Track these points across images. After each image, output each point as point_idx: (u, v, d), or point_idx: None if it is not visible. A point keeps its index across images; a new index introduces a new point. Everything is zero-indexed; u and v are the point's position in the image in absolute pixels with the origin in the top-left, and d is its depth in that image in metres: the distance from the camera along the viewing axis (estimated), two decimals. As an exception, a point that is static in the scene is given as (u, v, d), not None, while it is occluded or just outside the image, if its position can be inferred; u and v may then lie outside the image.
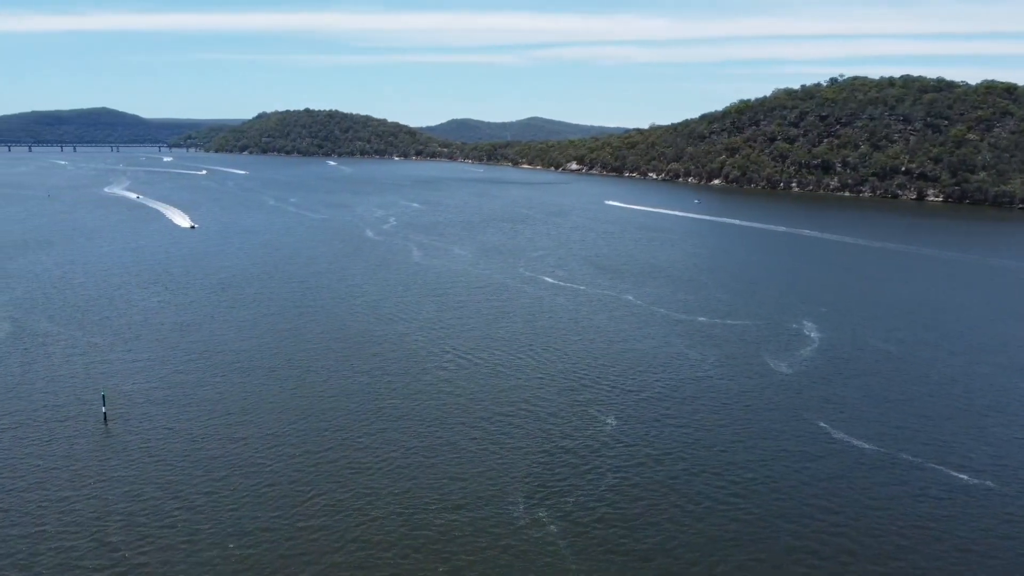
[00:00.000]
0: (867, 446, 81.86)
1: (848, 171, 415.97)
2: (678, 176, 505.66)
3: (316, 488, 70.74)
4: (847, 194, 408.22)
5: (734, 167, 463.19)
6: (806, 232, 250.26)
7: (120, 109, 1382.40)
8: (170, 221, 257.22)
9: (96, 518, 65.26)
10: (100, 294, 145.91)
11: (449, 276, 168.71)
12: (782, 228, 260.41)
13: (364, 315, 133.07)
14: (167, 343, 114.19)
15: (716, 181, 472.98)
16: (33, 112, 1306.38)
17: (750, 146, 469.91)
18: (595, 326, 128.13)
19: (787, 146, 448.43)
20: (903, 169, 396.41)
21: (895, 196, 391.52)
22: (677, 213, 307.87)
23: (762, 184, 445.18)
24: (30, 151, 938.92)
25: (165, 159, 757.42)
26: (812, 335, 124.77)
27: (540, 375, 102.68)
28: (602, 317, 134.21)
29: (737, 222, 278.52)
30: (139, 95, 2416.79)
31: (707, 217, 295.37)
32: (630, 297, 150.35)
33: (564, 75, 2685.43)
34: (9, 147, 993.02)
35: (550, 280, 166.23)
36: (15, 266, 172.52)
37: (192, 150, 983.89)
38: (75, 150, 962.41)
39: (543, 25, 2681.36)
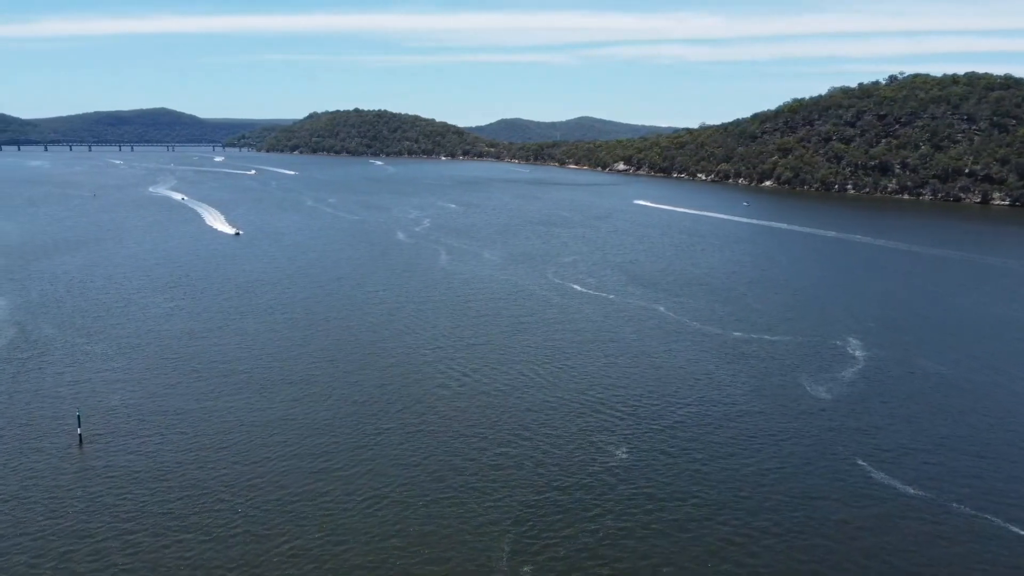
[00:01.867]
0: (911, 491, 71.95)
1: (907, 173, 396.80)
2: (728, 177, 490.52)
3: (283, 529, 64.10)
4: (906, 197, 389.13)
5: (786, 168, 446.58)
6: (858, 238, 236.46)
7: (178, 109, 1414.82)
8: (204, 222, 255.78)
9: (65, 552, 59.95)
10: (114, 299, 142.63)
11: (473, 283, 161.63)
12: (832, 233, 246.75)
13: (376, 327, 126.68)
14: (165, 354, 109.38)
15: (767, 183, 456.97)
16: (96, 113, 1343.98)
17: (804, 146, 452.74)
18: (620, 341, 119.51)
19: (843, 146, 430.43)
20: (967, 171, 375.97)
21: (958, 200, 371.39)
22: (723, 216, 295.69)
23: (816, 186, 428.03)
24: (90, 150, 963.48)
25: (216, 159, 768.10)
26: (856, 354, 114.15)
27: (550, 397, 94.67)
28: (629, 331, 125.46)
29: (785, 226, 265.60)
30: (197, 96, 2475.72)
31: (755, 221, 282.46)
32: (661, 308, 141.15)
33: (616, 74, 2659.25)
34: (71, 146, 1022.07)
35: (579, 288, 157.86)
36: (40, 268, 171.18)
37: (245, 149, 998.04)
38: (132, 149, 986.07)
39: (598, 24, 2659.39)
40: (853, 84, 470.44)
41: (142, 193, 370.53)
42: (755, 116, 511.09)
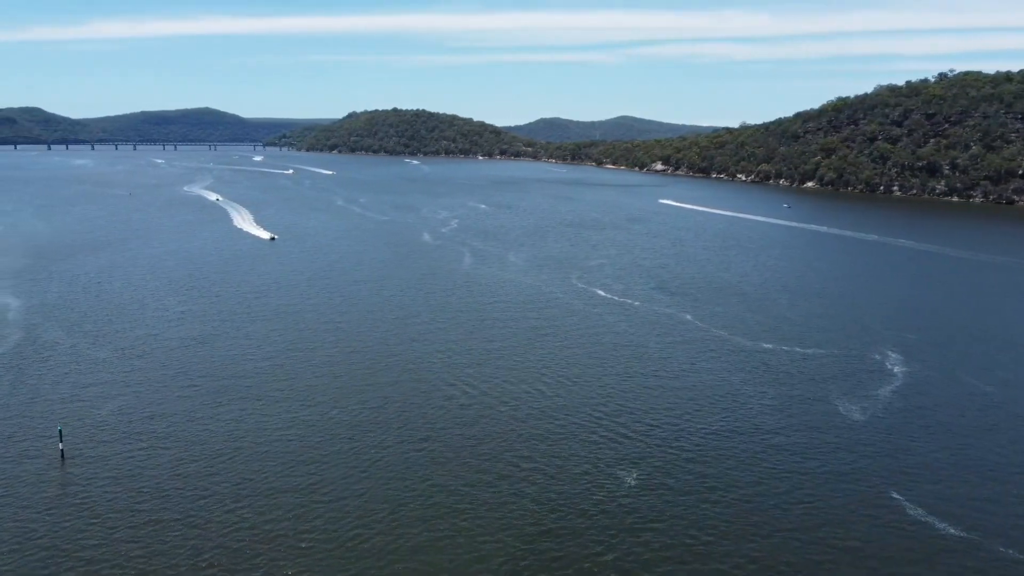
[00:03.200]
0: (952, 530, 64.79)
1: (957, 174, 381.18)
2: (768, 178, 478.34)
3: (260, 563, 59.48)
4: (955, 199, 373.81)
5: (829, 169, 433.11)
6: (902, 242, 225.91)
7: (222, 109, 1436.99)
8: (232, 223, 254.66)
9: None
10: (129, 301, 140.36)
11: (494, 288, 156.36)
12: (873, 237, 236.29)
13: (387, 335, 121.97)
14: (166, 361, 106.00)
15: (809, 184, 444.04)
16: (142, 112, 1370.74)
17: (848, 146, 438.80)
18: (641, 352, 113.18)
19: (889, 147, 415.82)
20: (1020, 172, 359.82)
21: (1011, 202, 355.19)
22: (761, 219, 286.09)
23: (860, 187, 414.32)
24: (135, 149, 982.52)
25: (255, 158, 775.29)
26: (896, 370, 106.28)
27: (560, 416, 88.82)
28: (652, 341, 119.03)
29: (825, 229, 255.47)
30: (240, 96, 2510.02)
31: (795, 224, 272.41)
32: (689, 317, 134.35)
33: (658, 73, 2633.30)
34: (116, 146, 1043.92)
35: (603, 294, 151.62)
36: (62, 268, 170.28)
37: (284, 149, 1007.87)
38: (176, 148, 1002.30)
39: (641, 23, 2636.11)
40: (900, 82, 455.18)
41: (177, 192, 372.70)
42: (798, 115, 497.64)
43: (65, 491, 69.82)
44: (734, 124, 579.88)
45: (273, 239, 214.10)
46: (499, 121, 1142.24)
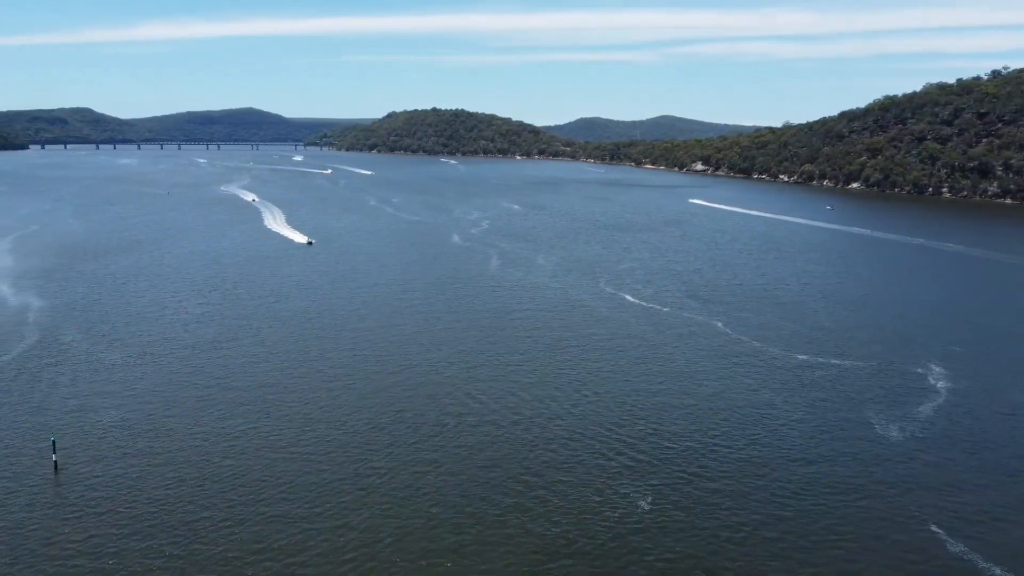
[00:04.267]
0: (998, 571, 58.77)
1: (1011, 175, 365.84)
2: (812, 179, 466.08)
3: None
4: (1009, 202, 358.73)
5: (875, 169, 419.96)
6: (950, 246, 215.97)
7: (265, 109, 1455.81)
8: (263, 223, 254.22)
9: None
10: (150, 302, 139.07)
11: (519, 293, 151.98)
12: (920, 240, 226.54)
13: (406, 343, 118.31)
14: (176, 366, 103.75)
15: (854, 185, 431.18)
16: (188, 112, 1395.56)
17: (895, 146, 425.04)
18: (666, 364, 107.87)
19: (938, 146, 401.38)
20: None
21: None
22: (803, 221, 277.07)
23: (907, 189, 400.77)
24: (179, 149, 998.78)
25: (295, 158, 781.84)
26: (939, 385, 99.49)
27: (577, 436, 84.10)
28: (678, 351, 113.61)
29: (869, 232, 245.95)
30: (282, 96, 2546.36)
31: (838, 227, 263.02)
32: (719, 324, 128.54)
33: (700, 72, 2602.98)
34: (162, 145, 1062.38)
35: (631, 299, 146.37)
36: (88, 268, 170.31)
37: (325, 148, 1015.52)
38: (219, 148, 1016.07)
39: (682, 21, 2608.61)
40: (951, 80, 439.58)
41: (213, 192, 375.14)
42: (843, 114, 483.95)
43: (56, 505, 67.33)
44: (777, 124, 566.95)
45: (310, 243, 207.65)
46: (538, 121, 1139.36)
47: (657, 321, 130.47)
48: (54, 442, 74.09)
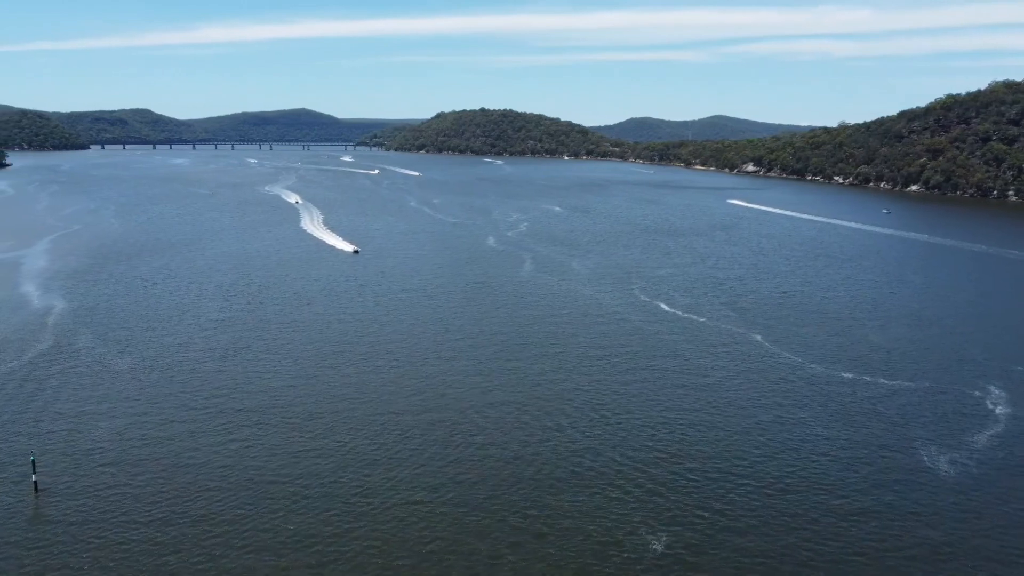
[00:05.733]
0: (1061, 641, 50.79)
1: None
2: (868, 181, 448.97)
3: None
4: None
5: (936, 171, 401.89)
6: (1015, 254, 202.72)
7: (317, 110, 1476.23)
8: (298, 224, 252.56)
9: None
10: (171, 306, 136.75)
11: (549, 300, 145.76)
12: (981, 247, 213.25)
13: (425, 353, 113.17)
14: (182, 376, 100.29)
15: (913, 187, 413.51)
16: (243, 113, 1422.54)
17: (957, 147, 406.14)
18: (696, 380, 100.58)
19: (1004, 147, 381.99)
20: None
21: None
22: (856, 225, 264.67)
23: (970, 192, 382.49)
24: (233, 149, 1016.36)
25: (343, 158, 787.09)
26: (998, 411, 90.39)
27: (594, 457, 77.74)
28: (712, 367, 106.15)
29: (927, 238, 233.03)
30: (335, 97, 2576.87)
31: (894, 232, 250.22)
32: (758, 337, 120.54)
33: (753, 71, 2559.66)
34: (216, 145, 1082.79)
35: (666, 308, 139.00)
36: (118, 270, 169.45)
37: (374, 149, 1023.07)
38: (271, 148, 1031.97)
39: (735, 20, 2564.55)
40: (1018, 78, 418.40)
41: (257, 192, 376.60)
42: (902, 114, 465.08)
43: (33, 528, 63.68)
44: (832, 124, 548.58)
45: (357, 252, 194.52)
46: (588, 121, 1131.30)
47: (692, 333, 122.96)
48: (33, 461, 70.34)
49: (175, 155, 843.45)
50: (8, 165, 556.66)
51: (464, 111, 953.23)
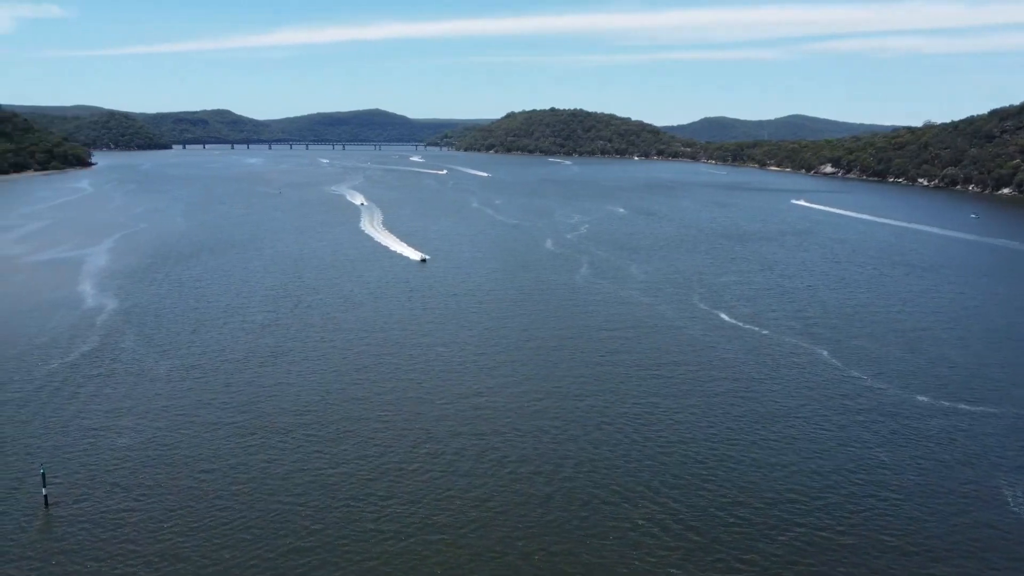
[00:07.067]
0: None
1: None
2: (955, 183, 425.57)
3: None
4: None
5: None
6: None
7: (390, 110, 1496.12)
8: (357, 225, 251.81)
9: None
10: (219, 308, 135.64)
11: (602, 307, 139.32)
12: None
13: (464, 364, 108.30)
14: (219, 383, 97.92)
15: (1005, 190, 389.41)
16: (318, 114, 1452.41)
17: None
18: (752, 402, 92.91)
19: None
20: None
21: None
22: (940, 231, 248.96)
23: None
24: (307, 148, 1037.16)
25: (412, 158, 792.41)
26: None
27: (632, 490, 71.45)
28: (770, 385, 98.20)
29: (1019, 245, 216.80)
30: (407, 97, 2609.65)
31: (982, 239, 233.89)
32: (825, 352, 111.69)
33: (835, 69, 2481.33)
34: (291, 145, 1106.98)
35: (727, 318, 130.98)
36: (176, 269, 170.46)
37: (444, 148, 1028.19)
38: (344, 148, 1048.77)
39: (821, 17, 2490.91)
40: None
41: (322, 192, 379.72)
42: (993, 112, 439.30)
43: (40, 544, 61.32)
44: (916, 123, 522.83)
45: (424, 260, 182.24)
46: (660, 121, 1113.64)
47: (752, 347, 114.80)
48: (44, 474, 68.05)
49: (250, 155, 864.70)
50: (93, 164, 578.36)
51: (534, 111, 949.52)
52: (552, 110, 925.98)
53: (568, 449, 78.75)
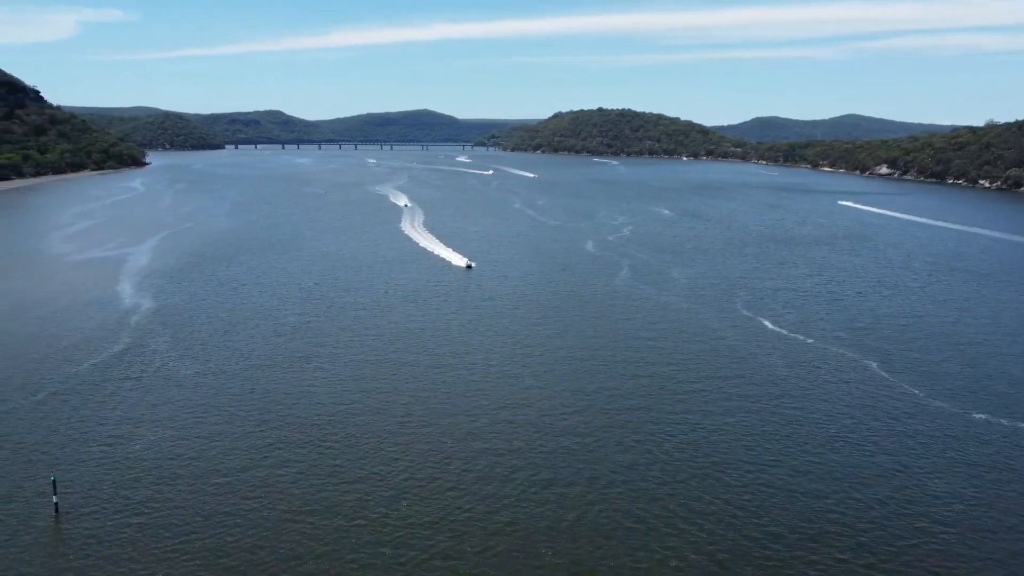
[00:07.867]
0: None
1: None
2: (1019, 185, 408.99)
3: None
4: None
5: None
6: None
7: (438, 111, 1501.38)
8: (397, 225, 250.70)
9: None
10: (252, 309, 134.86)
11: (641, 312, 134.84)
12: None
13: (493, 375, 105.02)
14: (243, 387, 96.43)
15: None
16: (368, 114, 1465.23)
17: None
18: (794, 417, 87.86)
19: None
20: None
21: None
22: (1003, 236, 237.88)
23: None
24: (355, 148, 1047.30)
25: (458, 158, 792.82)
26: None
27: (661, 519, 67.43)
28: (816, 402, 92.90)
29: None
30: (455, 97, 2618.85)
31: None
32: (874, 364, 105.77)
33: (891, 68, 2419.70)
34: (340, 145, 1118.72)
35: (769, 326, 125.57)
36: (215, 269, 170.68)
37: (491, 149, 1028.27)
38: (391, 148, 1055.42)
39: (877, 14, 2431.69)
40: None
41: (367, 192, 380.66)
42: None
43: (49, 553, 60.00)
44: (978, 123, 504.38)
45: (470, 267, 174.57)
46: (710, 121, 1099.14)
47: (797, 358, 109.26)
48: (54, 481, 66.75)
49: (300, 155, 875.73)
50: (147, 164, 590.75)
51: (581, 111, 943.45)
52: (600, 110, 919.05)
53: (597, 471, 74.72)
